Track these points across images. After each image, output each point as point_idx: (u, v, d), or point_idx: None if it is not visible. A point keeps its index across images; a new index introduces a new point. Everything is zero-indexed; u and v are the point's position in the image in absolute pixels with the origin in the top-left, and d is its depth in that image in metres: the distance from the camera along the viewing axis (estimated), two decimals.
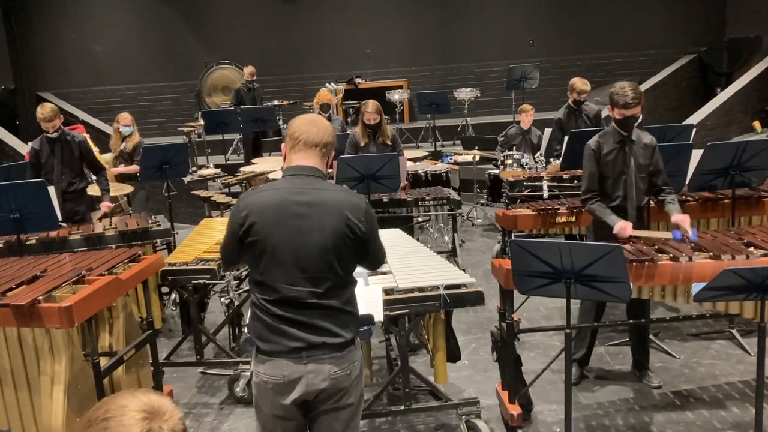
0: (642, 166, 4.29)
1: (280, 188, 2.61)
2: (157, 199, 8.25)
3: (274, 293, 2.56)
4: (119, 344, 3.98)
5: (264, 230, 2.54)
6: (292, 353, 2.55)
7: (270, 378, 2.59)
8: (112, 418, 1.35)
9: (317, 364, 2.56)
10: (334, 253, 2.54)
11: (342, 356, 2.59)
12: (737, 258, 3.65)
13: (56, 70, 12.94)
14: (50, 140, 5.86)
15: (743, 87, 10.83)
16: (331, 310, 2.58)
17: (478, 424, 3.89)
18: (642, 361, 4.62)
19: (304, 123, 2.68)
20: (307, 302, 2.55)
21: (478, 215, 8.69)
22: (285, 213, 2.54)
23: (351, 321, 2.65)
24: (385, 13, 13.05)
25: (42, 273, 3.78)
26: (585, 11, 12.80)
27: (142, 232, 5.34)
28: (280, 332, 2.56)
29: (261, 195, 2.62)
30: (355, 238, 2.57)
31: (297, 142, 2.64)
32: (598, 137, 4.38)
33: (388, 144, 6.19)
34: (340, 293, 2.61)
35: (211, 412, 4.46)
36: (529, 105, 8.27)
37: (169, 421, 1.38)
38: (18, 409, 3.53)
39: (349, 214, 2.54)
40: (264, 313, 2.59)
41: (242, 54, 12.49)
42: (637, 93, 4.16)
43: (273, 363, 2.58)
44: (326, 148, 2.67)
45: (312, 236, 2.53)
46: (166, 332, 5.70)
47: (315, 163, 2.64)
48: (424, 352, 4.70)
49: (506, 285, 3.79)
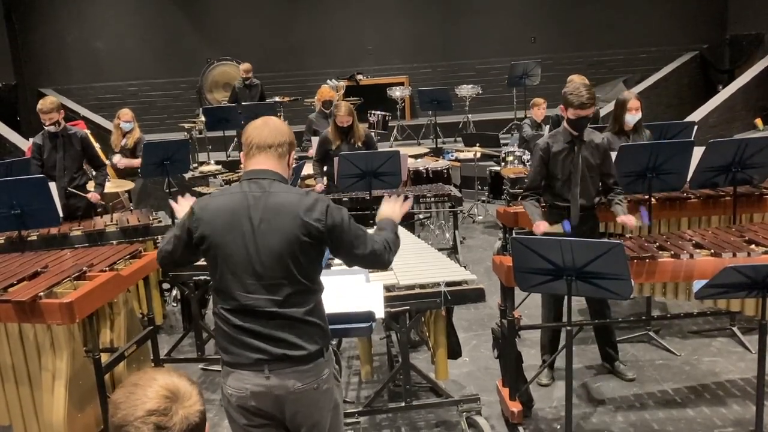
0: (592, 166, 4.28)
1: (234, 192, 2.52)
2: (157, 196, 8.25)
3: (232, 302, 2.48)
4: (120, 340, 3.98)
5: (217, 236, 2.47)
6: (254, 365, 2.47)
7: (234, 391, 2.51)
8: (139, 385, 1.47)
9: (279, 379, 2.46)
10: (290, 258, 2.44)
11: (307, 370, 2.49)
12: (738, 255, 3.65)
13: (57, 66, 12.93)
14: (52, 136, 5.84)
15: (745, 84, 10.81)
16: (291, 320, 2.47)
17: (478, 421, 3.89)
18: (611, 354, 4.63)
19: (254, 127, 2.58)
20: (265, 311, 2.46)
21: (479, 212, 8.69)
22: (238, 219, 2.45)
23: (315, 333, 2.52)
24: (386, 10, 13.04)
25: (43, 269, 3.78)
26: (586, 8, 12.78)
27: (143, 229, 5.34)
28: (240, 344, 2.48)
29: (215, 200, 2.54)
30: (314, 241, 2.47)
31: (250, 147, 2.55)
32: (548, 137, 4.40)
33: (359, 145, 6.20)
34: (301, 302, 2.49)
35: (212, 408, 4.46)
36: (541, 99, 8.20)
37: (187, 408, 1.47)
38: (19, 404, 3.54)
39: (302, 216, 2.44)
40: (224, 323, 2.51)
41: (243, 50, 12.48)
42: (592, 94, 4.16)
43: (236, 375, 2.50)
44: (282, 147, 2.55)
45: (265, 242, 2.44)
46: (167, 328, 5.70)
47: (271, 166, 2.54)
48: (424, 348, 4.70)
49: (507, 282, 3.79)
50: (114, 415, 1.46)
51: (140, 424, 1.43)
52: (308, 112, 10.02)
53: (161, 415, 1.44)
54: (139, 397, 1.45)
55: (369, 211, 5.56)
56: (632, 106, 4.94)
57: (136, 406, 1.44)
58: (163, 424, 1.44)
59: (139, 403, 1.45)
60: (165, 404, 1.45)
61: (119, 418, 1.45)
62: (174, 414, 1.45)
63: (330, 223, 2.48)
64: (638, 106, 4.95)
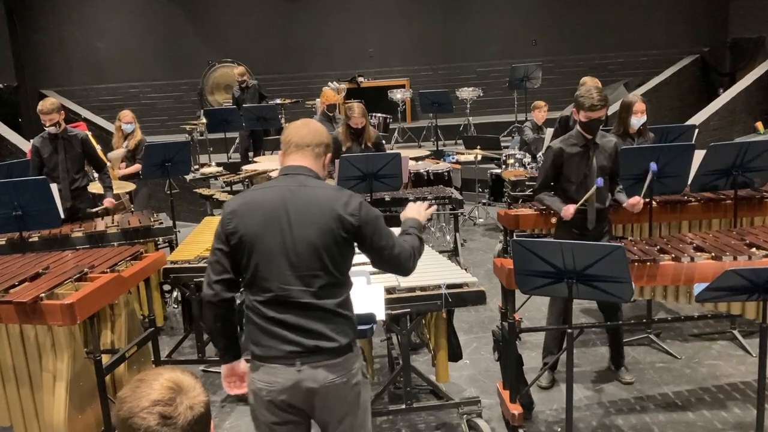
0: (606, 169, 4.29)
1: (271, 187, 2.60)
2: (159, 197, 8.26)
3: (266, 293, 2.52)
4: (121, 342, 3.99)
5: (253, 229, 2.51)
6: (286, 358, 2.50)
7: (264, 384, 2.53)
8: (144, 380, 1.52)
9: (311, 370, 2.49)
10: (324, 249, 2.50)
11: (338, 363, 2.52)
12: (739, 259, 3.65)
13: (59, 67, 12.94)
14: (52, 137, 5.83)
15: (746, 87, 10.81)
16: (324, 312, 2.52)
17: (479, 424, 3.89)
18: (617, 358, 4.64)
19: (294, 126, 2.69)
20: (299, 302, 2.50)
21: (480, 215, 8.69)
22: (274, 211, 2.52)
23: (346, 325, 2.57)
24: (387, 12, 13.05)
25: (44, 270, 3.79)
26: (587, 11, 12.79)
27: (144, 230, 5.35)
28: (273, 335, 2.51)
29: (251, 194, 2.64)
30: (348, 236, 2.53)
31: (289, 145, 2.65)
32: (561, 140, 4.38)
33: (369, 146, 6.21)
34: (334, 294, 2.55)
35: (213, 409, 4.45)
36: (542, 102, 8.25)
37: (192, 398, 1.51)
38: (20, 405, 3.54)
39: (339, 210, 2.51)
40: (257, 315, 2.55)
41: (244, 52, 12.50)
42: (603, 96, 4.16)
43: (266, 369, 2.53)
44: (319, 147, 2.64)
45: (301, 233, 2.50)
46: (167, 330, 5.69)
47: (308, 164, 2.63)
48: (425, 351, 4.70)
49: (508, 284, 3.79)
50: (120, 409, 1.49)
51: (146, 414, 1.45)
52: (309, 115, 10.01)
53: (166, 404, 1.47)
54: (144, 390, 1.49)
55: None
56: (638, 109, 4.93)
57: (141, 397, 1.47)
58: (168, 413, 1.46)
59: (144, 395, 1.47)
60: (170, 395, 1.48)
61: (125, 411, 1.47)
62: (179, 404, 1.48)
63: (364, 218, 2.55)
64: (643, 109, 4.95)
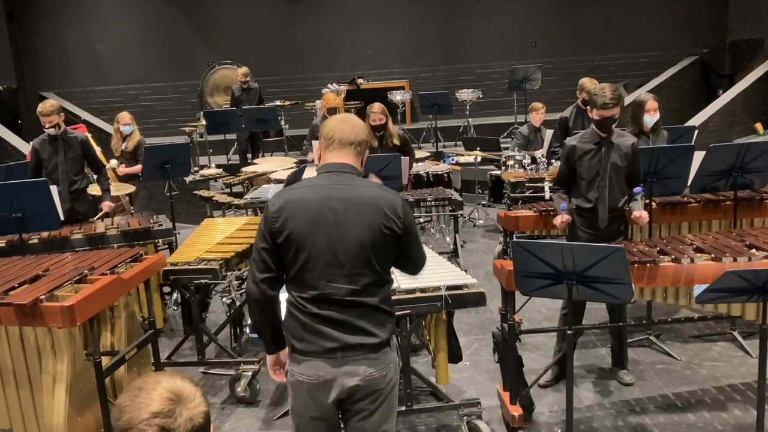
0: (619, 169, 4.27)
1: (317, 185, 2.59)
2: (158, 199, 8.26)
3: (311, 290, 2.53)
4: (121, 344, 3.99)
5: (300, 227, 2.51)
6: (327, 353, 2.52)
7: (306, 378, 2.56)
8: (143, 389, 1.50)
9: (352, 366, 2.53)
10: (372, 248, 2.52)
11: (377, 357, 2.56)
12: (739, 260, 3.65)
13: (59, 69, 12.95)
14: (52, 139, 5.84)
15: (745, 89, 10.81)
16: (368, 308, 2.55)
17: (479, 425, 3.89)
18: (620, 358, 4.64)
19: (338, 122, 2.69)
20: (345, 300, 2.52)
21: (480, 216, 8.69)
22: (321, 209, 2.51)
23: (387, 320, 2.62)
24: (387, 14, 13.05)
25: (44, 272, 3.79)
26: (587, 13, 12.79)
27: (143, 232, 5.35)
28: (315, 332, 2.53)
29: (296, 192, 2.60)
30: (393, 235, 2.55)
31: (331, 141, 2.63)
32: (577, 137, 4.41)
33: (396, 144, 6.14)
34: (378, 291, 2.58)
35: (213, 411, 4.44)
36: (540, 103, 8.27)
37: (191, 409, 1.50)
38: (20, 408, 3.54)
39: (386, 210, 2.53)
40: (300, 311, 2.56)
41: (244, 54, 12.48)
42: (616, 94, 4.16)
43: (309, 363, 2.55)
44: (361, 146, 2.66)
45: (349, 232, 2.51)
46: (167, 332, 5.70)
47: (350, 161, 2.63)
48: (425, 352, 4.70)
49: (508, 286, 3.79)
50: (119, 418, 1.48)
51: (145, 426, 1.44)
52: (309, 116, 10.01)
53: (165, 416, 1.46)
54: (143, 399, 1.47)
55: None
56: (650, 107, 4.94)
57: (140, 408, 1.46)
58: (168, 425, 1.45)
59: (143, 406, 1.46)
60: (169, 406, 1.47)
61: (124, 422, 1.47)
62: (178, 416, 1.47)
63: (408, 222, 2.59)
64: (656, 107, 4.96)
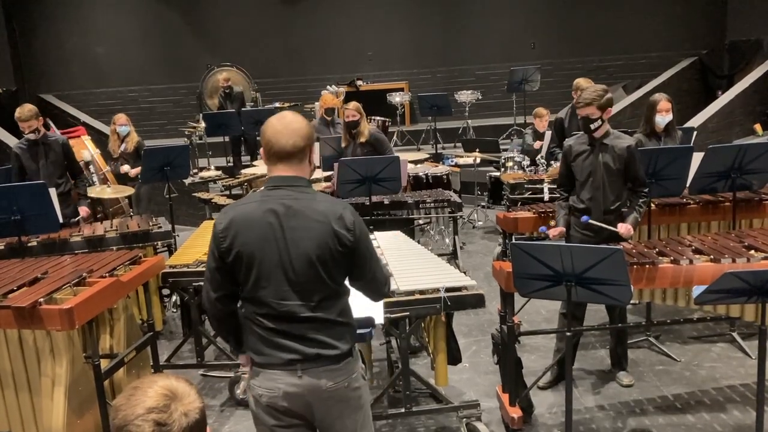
0: (612, 171, 4.22)
1: (262, 200, 2.50)
2: (158, 201, 8.26)
3: (266, 307, 2.49)
4: (120, 346, 3.98)
5: (248, 245, 2.45)
6: (286, 365, 2.48)
7: (265, 391, 2.52)
8: (139, 388, 1.53)
9: (312, 378, 2.48)
10: (321, 264, 2.45)
11: (338, 369, 2.52)
12: (738, 261, 3.65)
13: (58, 71, 12.96)
14: (32, 143, 5.84)
15: (744, 90, 10.81)
16: (326, 323, 2.50)
17: (478, 427, 3.89)
18: (620, 359, 4.64)
19: (273, 130, 2.50)
20: (299, 316, 2.47)
21: (479, 218, 8.69)
22: (269, 226, 2.44)
23: (346, 332, 2.56)
24: (386, 16, 13.07)
25: (43, 275, 3.78)
26: (586, 14, 12.82)
27: (142, 234, 5.35)
28: (273, 345, 2.49)
29: (243, 208, 2.52)
30: (344, 250, 2.47)
31: (271, 155, 2.51)
32: (572, 138, 4.41)
33: (364, 143, 6.17)
34: (333, 304, 2.52)
35: (212, 414, 4.46)
36: (544, 109, 8.20)
37: (186, 405, 1.52)
38: (19, 410, 3.54)
39: (334, 225, 2.45)
40: (256, 326, 2.52)
41: (243, 56, 12.51)
42: (590, 94, 4.08)
43: (267, 375, 2.51)
44: (302, 152, 2.51)
45: (297, 248, 2.44)
46: (166, 334, 5.69)
47: (294, 171, 2.52)
48: (424, 354, 4.70)
49: (507, 287, 3.79)
50: (115, 417, 1.50)
51: (141, 422, 1.46)
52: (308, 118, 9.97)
53: (161, 411, 1.47)
54: (138, 397, 1.50)
55: (369, 217, 5.57)
56: (662, 108, 4.93)
57: (136, 405, 1.48)
58: (163, 420, 1.47)
59: (138, 403, 1.49)
60: (164, 402, 1.49)
61: (120, 419, 1.48)
62: (173, 410, 1.49)
63: (358, 235, 2.50)
64: (668, 108, 4.95)
